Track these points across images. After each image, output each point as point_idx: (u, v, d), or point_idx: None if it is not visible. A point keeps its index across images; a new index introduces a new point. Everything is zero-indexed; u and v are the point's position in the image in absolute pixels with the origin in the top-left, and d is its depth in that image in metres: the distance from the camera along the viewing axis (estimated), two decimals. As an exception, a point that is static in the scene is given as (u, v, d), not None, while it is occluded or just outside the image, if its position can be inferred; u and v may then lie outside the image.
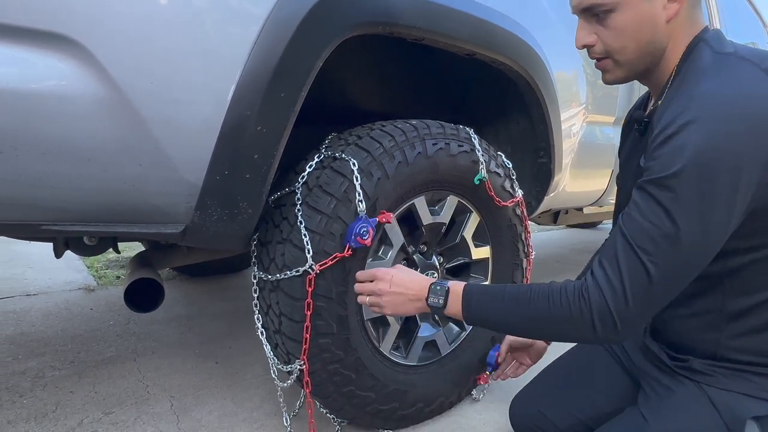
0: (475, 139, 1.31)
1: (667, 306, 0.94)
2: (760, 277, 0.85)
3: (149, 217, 0.95)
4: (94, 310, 2.17)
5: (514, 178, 1.43)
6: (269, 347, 1.18)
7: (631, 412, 0.98)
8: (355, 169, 1.09)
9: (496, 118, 1.70)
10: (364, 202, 1.09)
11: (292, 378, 1.15)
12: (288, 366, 1.14)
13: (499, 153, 1.42)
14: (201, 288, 2.56)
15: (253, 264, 1.18)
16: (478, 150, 1.30)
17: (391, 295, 1.02)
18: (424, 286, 1.01)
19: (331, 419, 1.26)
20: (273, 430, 1.30)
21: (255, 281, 1.17)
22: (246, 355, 1.75)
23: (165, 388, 1.51)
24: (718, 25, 2.77)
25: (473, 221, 1.38)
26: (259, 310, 1.18)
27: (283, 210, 1.13)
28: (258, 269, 1.16)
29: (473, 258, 1.40)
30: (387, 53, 1.46)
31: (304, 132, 1.25)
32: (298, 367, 1.10)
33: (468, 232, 1.38)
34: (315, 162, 1.14)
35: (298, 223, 1.07)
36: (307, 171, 1.12)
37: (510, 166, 1.43)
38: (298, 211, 1.08)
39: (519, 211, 1.45)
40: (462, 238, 1.37)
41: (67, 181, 0.84)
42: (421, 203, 1.25)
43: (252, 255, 1.18)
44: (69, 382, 1.51)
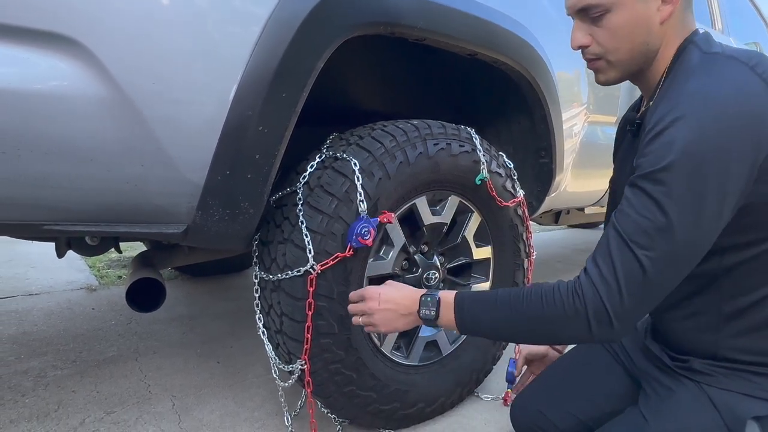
0: (476, 139, 1.31)
1: (666, 307, 0.94)
2: (755, 276, 0.85)
3: (151, 217, 0.95)
4: (96, 309, 2.17)
5: (515, 178, 1.43)
6: (270, 347, 1.18)
7: (631, 412, 0.98)
8: (357, 169, 1.09)
9: (498, 118, 1.70)
10: (366, 202, 1.09)
11: (294, 378, 1.15)
12: (289, 366, 1.14)
13: (500, 153, 1.42)
14: (202, 288, 2.57)
15: (255, 264, 1.18)
16: (480, 150, 1.30)
17: (382, 313, 1.00)
18: (415, 299, 1.00)
19: (333, 419, 1.27)
20: (274, 430, 1.30)
21: (256, 281, 1.17)
22: (247, 354, 1.75)
23: (167, 387, 1.51)
24: (720, 26, 2.76)
25: (474, 221, 1.38)
26: (261, 309, 1.18)
27: (284, 210, 1.13)
28: (259, 269, 1.16)
29: (474, 258, 1.40)
30: (388, 53, 1.46)
31: (305, 132, 1.25)
32: (300, 367, 1.11)
33: (469, 232, 1.38)
34: (316, 162, 1.14)
35: (300, 223, 1.07)
36: (308, 171, 1.12)
37: (511, 166, 1.43)
38: (299, 211, 1.08)
39: (520, 211, 1.45)
40: (463, 238, 1.37)
41: (69, 181, 0.84)
42: (422, 203, 1.25)
43: (253, 255, 1.18)
44: (71, 382, 1.52)
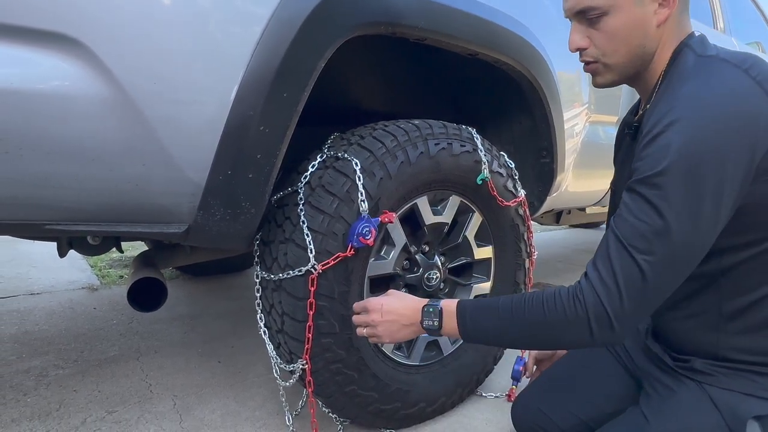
0: (477, 138, 1.31)
1: (666, 308, 0.95)
2: (754, 276, 0.85)
3: (152, 216, 0.95)
4: (98, 309, 2.17)
5: (516, 178, 1.43)
6: (272, 346, 1.18)
7: (632, 411, 0.98)
8: (358, 168, 1.09)
9: (499, 118, 1.70)
10: (367, 202, 1.09)
11: (295, 377, 1.15)
12: (290, 365, 1.14)
13: (501, 153, 1.42)
14: (204, 287, 2.57)
15: (256, 263, 1.18)
16: (481, 150, 1.30)
17: (385, 324, 1.01)
18: (417, 309, 1.00)
19: (334, 419, 1.27)
20: (275, 429, 1.30)
21: (258, 281, 1.17)
22: (249, 354, 1.76)
23: (168, 387, 1.51)
24: (721, 25, 2.76)
25: (476, 221, 1.38)
26: (262, 309, 1.18)
27: (285, 210, 1.13)
28: (261, 269, 1.16)
29: (476, 258, 1.40)
30: (389, 53, 1.46)
31: (306, 132, 1.25)
32: (301, 367, 1.11)
33: (470, 232, 1.38)
34: (317, 162, 1.14)
35: (301, 223, 1.07)
36: (309, 171, 1.12)
37: (512, 166, 1.43)
38: (300, 210, 1.08)
39: (521, 211, 1.45)
40: (464, 238, 1.37)
41: (70, 180, 0.84)
42: (423, 203, 1.25)
43: (255, 254, 1.18)
44: (72, 381, 1.52)
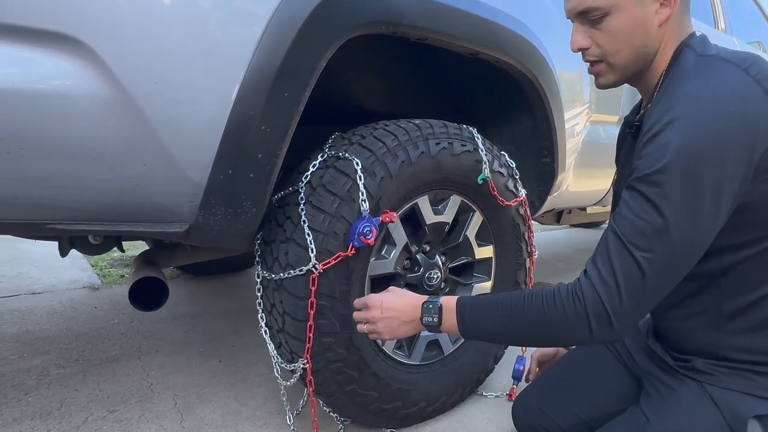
0: (478, 138, 1.31)
1: (667, 308, 0.95)
2: (754, 275, 0.85)
3: (154, 216, 0.95)
4: (99, 308, 2.18)
5: (517, 177, 1.43)
6: (273, 346, 1.18)
7: (633, 411, 0.99)
8: (359, 168, 1.09)
9: (500, 117, 1.70)
10: (368, 202, 1.09)
11: (296, 377, 1.15)
12: (291, 365, 1.14)
13: (502, 152, 1.42)
14: (205, 287, 2.57)
15: (257, 263, 1.18)
16: (482, 149, 1.30)
17: (385, 321, 1.01)
18: (417, 306, 1.00)
19: (334, 418, 1.27)
20: (276, 429, 1.31)
21: (258, 280, 1.17)
22: (250, 353, 1.76)
23: (169, 386, 1.51)
24: (723, 25, 2.75)
25: (476, 221, 1.38)
26: (263, 308, 1.18)
27: (286, 209, 1.13)
28: (262, 268, 1.16)
29: (476, 257, 1.40)
30: (390, 53, 1.46)
31: (307, 131, 1.25)
32: (302, 366, 1.11)
33: (471, 232, 1.38)
34: (318, 161, 1.14)
35: (302, 223, 1.07)
36: (310, 170, 1.12)
37: (513, 165, 1.43)
38: (301, 210, 1.08)
39: (522, 211, 1.45)
40: (465, 238, 1.37)
41: (72, 180, 0.84)
42: (424, 203, 1.25)
43: (256, 254, 1.19)
44: (74, 380, 1.52)
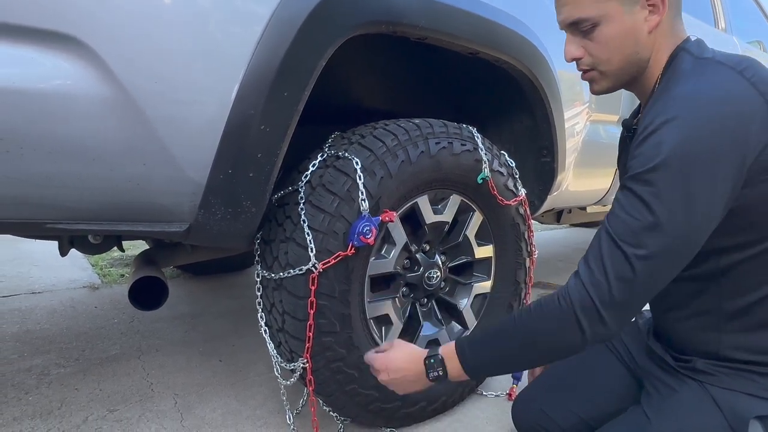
0: (478, 137, 1.31)
1: (667, 308, 0.96)
2: (753, 276, 0.85)
3: (153, 215, 0.95)
4: (99, 308, 2.18)
5: (517, 177, 1.43)
6: (272, 345, 1.18)
7: (634, 411, 0.98)
8: (358, 168, 1.09)
9: (500, 116, 1.70)
10: (367, 201, 1.09)
11: (295, 376, 1.15)
12: (291, 364, 1.14)
13: (502, 152, 1.42)
14: (205, 286, 2.57)
15: (257, 262, 1.18)
16: (481, 149, 1.30)
17: (395, 382, 1.01)
18: (420, 363, 0.99)
19: (334, 417, 1.27)
20: (276, 428, 1.31)
21: (258, 280, 1.17)
22: (250, 353, 1.76)
23: (169, 385, 1.52)
24: (723, 25, 2.75)
25: (476, 220, 1.38)
26: (263, 308, 1.18)
27: (286, 209, 1.13)
28: (261, 268, 1.16)
29: (476, 257, 1.40)
30: (390, 52, 1.46)
31: (307, 131, 1.25)
32: (301, 366, 1.11)
33: (471, 231, 1.38)
34: (318, 161, 1.14)
35: (302, 222, 1.07)
36: (310, 170, 1.12)
37: (513, 165, 1.43)
38: (301, 209, 1.08)
39: (522, 210, 1.45)
40: (465, 237, 1.37)
41: (72, 180, 0.84)
42: (424, 202, 1.25)
43: (255, 253, 1.19)
44: (74, 380, 1.52)
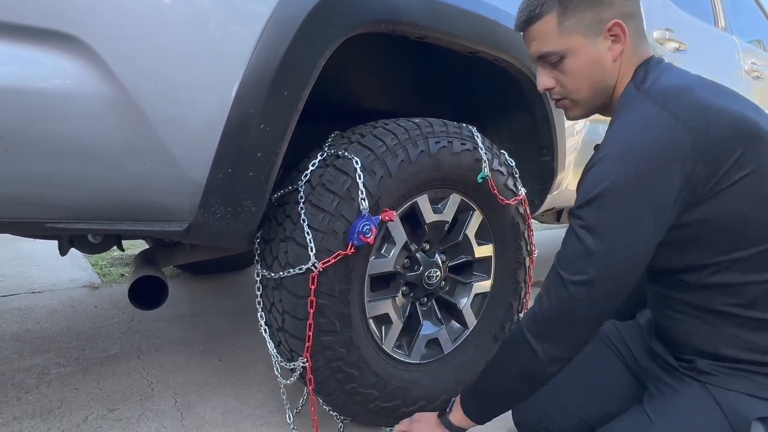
0: (478, 137, 1.31)
1: (667, 308, 0.97)
2: (750, 278, 0.85)
3: (153, 215, 0.95)
4: (99, 307, 2.18)
5: (517, 176, 1.43)
6: (272, 345, 1.18)
7: (635, 411, 0.98)
8: (358, 167, 1.09)
9: (499, 116, 1.70)
10: (367, 200, 1.09)
11: (295, 375, 1.15)
12: (291, 363, 1.14)
13: (502, 151, 1.41)
14: (205, 285, 2.57)
15: (257, 262, 1.18)
16: (481, 148, 1.30)
17: None
18: (440, 426, 1.04)
19: (334, 416, 1.27)
20: (276, 427, 1.31)
21: (258, 279, 1.17)
22: (250, 352, 1.76)
23: (169, 385, 1.52)
24: (723, 24, 2.74)
25: (476, 219, 1.38)
26: (263, 307, 1.18)
27: (286, 208, 1.13)
28: (261, 267, 1.16)
29: (476, 256, 1.40)
30: (390, 51, 1.46)
31: (307, 130, 1.25)
32: (301, 365, 1.11)
33: (471, 231, 1.38)
34: (318, 160, 1.14)
35: (301, 221, 1.07)
36: (310, 169, 1.12)
37: (513, 164, 1.43)
38: (301, 209, 1.08)
39: (522, 210, 1.45)
40: (465, 237, 1.37)
41: (71, 179, 0.84)
42: (423, 201, 1.25)
43: (255, 253, 1.19)
44: (74, 379, 1.52)
